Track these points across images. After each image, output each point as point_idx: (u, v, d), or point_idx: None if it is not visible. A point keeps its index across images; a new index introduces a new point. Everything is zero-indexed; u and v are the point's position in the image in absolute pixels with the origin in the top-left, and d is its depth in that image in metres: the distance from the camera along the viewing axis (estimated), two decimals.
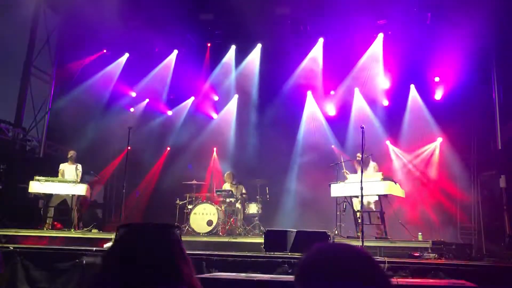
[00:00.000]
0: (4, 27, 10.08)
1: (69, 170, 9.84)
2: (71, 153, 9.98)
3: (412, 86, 11.38)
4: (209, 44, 12.70)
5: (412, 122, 11.08)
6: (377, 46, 11.45)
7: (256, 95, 12.55)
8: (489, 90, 10.15)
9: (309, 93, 12.47)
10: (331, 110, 12.28)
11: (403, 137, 11.08)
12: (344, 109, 11.96)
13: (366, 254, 1.26)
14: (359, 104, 11.79)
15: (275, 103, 12.23)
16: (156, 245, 1.35)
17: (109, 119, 12.60)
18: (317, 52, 11.99)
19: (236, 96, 13.11)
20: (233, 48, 12.68)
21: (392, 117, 11.35)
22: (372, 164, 9.12)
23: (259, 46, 12.44)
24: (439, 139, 10.78)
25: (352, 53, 11.57)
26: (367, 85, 11.63)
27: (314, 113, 12.31)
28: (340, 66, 11.79)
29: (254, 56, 12.53)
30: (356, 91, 11.88)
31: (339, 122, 11.90)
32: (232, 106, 13.13)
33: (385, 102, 11.65)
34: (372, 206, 8.78)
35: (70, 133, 12.01)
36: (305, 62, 12.03)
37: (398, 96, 11.45)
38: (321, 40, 11.93)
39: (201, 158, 12.46)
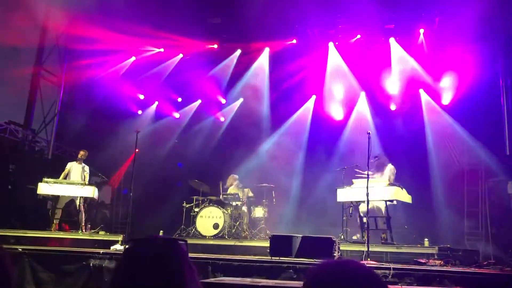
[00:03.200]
0: (14, 30, 10.21)
1: (76, 169, 9.89)
2: (82, 154, 9.98)
3: (422, 91, 11.35)
4: (215, 46, 12.72)
5: (432, 127, 11.04)
6: (384, 50, 11.41)
7: (264, 99, 12.56)
8: (497, 95, 10.11)
9: (313, 97, 12.47)
10: (338, 115, 12.25)
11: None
12: (351, 114, 11.95)
13: (373, 273, 1.27)
14: (366, 108, 11.77)
15: (281, 107, 12.26)
16: (163, 260, 1.37)
17: (117, 121, 12.70)
18: (323, 56, 11.99)
19: (241, 100, 13.14)
20: (238, 51, 12.71)
21: (399, 122, 11.31)
22: (389, 167, 8.91)
23: (267, 50, 12.46)
24: None
25: (360, 57, 11.55)
26: (375, 89, 11.60)
27: (320, 117, 12.29)
28: (348, 70, 11.79)
29: (263, 60, 12.54)
30: (362, 95, 11.87)
31: (346, 127, 11.88)
32: (237, 110, 13.16)
33: (393, 107, 11.63)
34: (382, 209, 8.69)
35: (79, 135, 12.13)
36: (311, 66, 12.02)
37: (406, 101, 11.41)
38: (331, 45, 11.92)
39: (207, 161, 12.50)
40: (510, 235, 9.09)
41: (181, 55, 12.95)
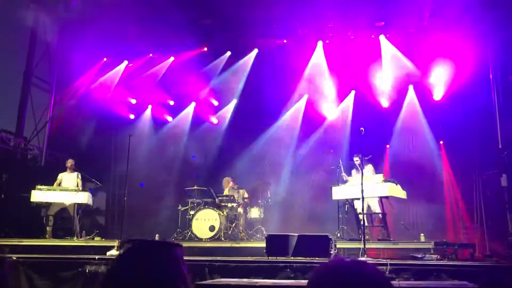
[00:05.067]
0: (3, 37, 10.14)
1: (68, 179, 9.84)
2: (70, 162, 9.99)
3: (411, 87, 11.40)
4: (205, 49, 12.69)
5: (409, 124, 11.10)
6: (375, 48, 11.44)
7: (252, 100, 12.55)
8: (488, 89, 10.17)
9: (305, 97, 12.47)
10: (330, 114, 12.25)
11: (402, 139, 11.09)
12: (343, 112, 11.97)
13: (377, 272, 1.26)
14: (357, 106, 11.80)
15: (272, 107, 12.26)
16: (158, 264, 1.36)
17: (109, 126, 12.62)
18: (314, 55, 12.00)
19: (234, 101, 13.12)
20: (228, 53, 12.68)
21: (391, 119, 11.36)
22: (367, 167, 9.02)
23: (255, 51, 12.45)
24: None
25: (350, 55, 11.56)
26: (365, 87, 11.63)
27: (313, 116, 12.30)
28: (338, 68, 11.80)
29: (253, 61, 12.52)
30: (353, 93, 11.90)
31: (338, 125, 11.90)
32: (231, 112, 13.13)
33: (385, 104, 11.66)
34: (376, 207, 8.74)
35: (71, 142, 12.05)
36: (302, 66, 12.03)
37: (397, 98, 11.45)
38: (320, 44, 11.94)
39: (202, 163, 12.47)
40: (505, 227, 9.14)
41: (172, 58, 12.92)
